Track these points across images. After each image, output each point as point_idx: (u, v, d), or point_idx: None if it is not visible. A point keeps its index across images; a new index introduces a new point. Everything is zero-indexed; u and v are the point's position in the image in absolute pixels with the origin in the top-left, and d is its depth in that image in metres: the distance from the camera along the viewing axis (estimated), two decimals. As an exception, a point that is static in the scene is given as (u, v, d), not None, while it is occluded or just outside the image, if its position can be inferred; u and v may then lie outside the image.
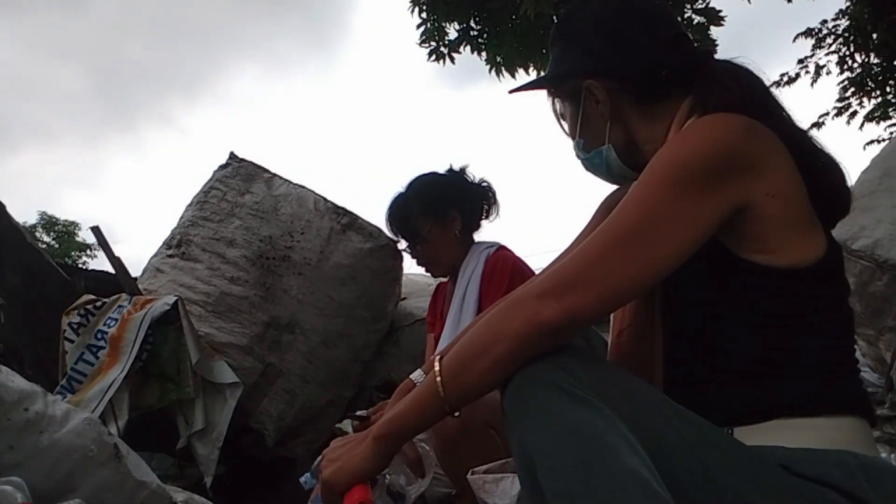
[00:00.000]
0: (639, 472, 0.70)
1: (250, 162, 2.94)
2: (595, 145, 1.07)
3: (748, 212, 0.85)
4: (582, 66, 1.05)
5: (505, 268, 1.90)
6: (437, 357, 0.88)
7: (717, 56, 1.04)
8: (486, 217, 2.10)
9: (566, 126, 1.13)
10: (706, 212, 0.83)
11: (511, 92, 1.20)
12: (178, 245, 2.79)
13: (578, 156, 1.12)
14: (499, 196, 2.14)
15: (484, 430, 1.55)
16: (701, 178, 0.83)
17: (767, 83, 1.00)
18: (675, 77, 1.00)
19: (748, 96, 0.94)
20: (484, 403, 1.55)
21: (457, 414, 0.87)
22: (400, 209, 2.06)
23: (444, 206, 2.02)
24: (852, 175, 0.99)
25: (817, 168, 0.92)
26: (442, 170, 2.14)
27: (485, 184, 2.13)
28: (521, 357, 0.81)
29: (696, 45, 1.12)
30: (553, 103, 1.15)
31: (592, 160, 1.09)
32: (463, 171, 2.12)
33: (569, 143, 1.15)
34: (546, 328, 0.80)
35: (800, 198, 0.88)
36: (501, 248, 2.01)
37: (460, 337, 0.93)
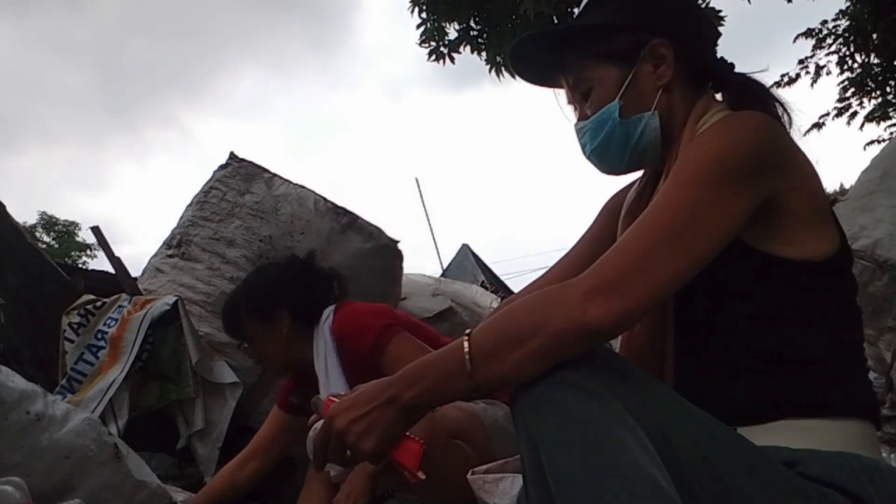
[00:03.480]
0: (646, 467, 0.70)
1: (250, 162, 2.94)
2: (636, 111, 1.00)
3: (771, 203, 0.86)
4: (658, 22, 1.01)
5: (356, 311, 1.83)
6: (466, 335, 0.84)
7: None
8: (327, 305, 1.93)
9: (598, 89, 1.02)
10: (743, 206, 0.84)
11: (550, 33, 1.08)
12: (178, 245, 2.78)
13: (604, 122, 1.01)
14: (343, 282, 2.05)
15: (449, 444, 1.55)
16: (739, 174, 0.83)
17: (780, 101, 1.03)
18: (717, 72, 1.03)
19: (762, 106, 0.97)
20: (446, 417, 1.56)
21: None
22: (228, 306, 2.02)
23: (271, 305, 1.92)
24: (852, 175, 1.01)
25: None
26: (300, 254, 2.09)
27: (330, 269, 2.07)
28: (557, 354, 0.78)
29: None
30: (578, 63, 1.04)
31: (628, 126, 1.00)
32: (308, 260, 2.07)
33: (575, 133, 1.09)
34: (591, 329, 0.77)
35: (819, 192, 0.90)
36: (336, 312, 1.88)
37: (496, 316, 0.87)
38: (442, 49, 4.99)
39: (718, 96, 1.04)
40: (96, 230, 2.67)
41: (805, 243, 0.87)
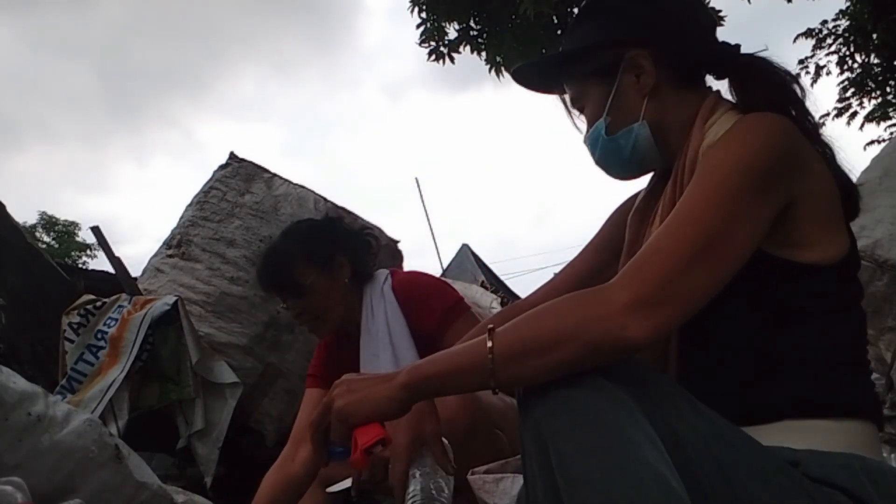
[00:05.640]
0: (657, 466, 0.70)
1: (250, 162, 2.94)
2: (624, 124, 1.00)
3: (787, 208, 0.85)
4: (629, 33, 1.00)
5: (421, 284, 1.79)
6: (489, 329, 0.81)
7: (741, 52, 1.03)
8: (373, 266, 1.86)
9: (588, 108, 1.05)
10: (769, 213, 0.83)
11: (536, 64, 1.13)
12: (178, 245, 2.79)
13: (596, 139, 1.03)
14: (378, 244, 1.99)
15: (491, 432, 1.54)
16: (766, 180, 0.82)
17: (791, 73, 0.99)
18: (712, 64, 1.00)
19: (775, 94, 0.94)
20: (493, 406, 1.55)
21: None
22: (277, 258, 1.78)
23: (331, 252, 1.76)
24: (852, 175, 0.99)
25: (835, 164, 0.92)
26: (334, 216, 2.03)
27: (367, 230, 2.03)
28: (587, 364, 0.76)
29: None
30: (569, 85, 1.08)
31: (618, 140, 1.01)
32: (340, 219, 2.02)
33: (578, 138, 1.10)
34: (629, 345, 0.75)
35: (832, 195, 0.88)
36: (396, 272, 1.85)
37: (518, 314, 0.84)
38: (442, 49, 4.99)
39: (726, 83, 1.02)
40: (96, 230, 2.67)
41: (814, 247, 0.86)
